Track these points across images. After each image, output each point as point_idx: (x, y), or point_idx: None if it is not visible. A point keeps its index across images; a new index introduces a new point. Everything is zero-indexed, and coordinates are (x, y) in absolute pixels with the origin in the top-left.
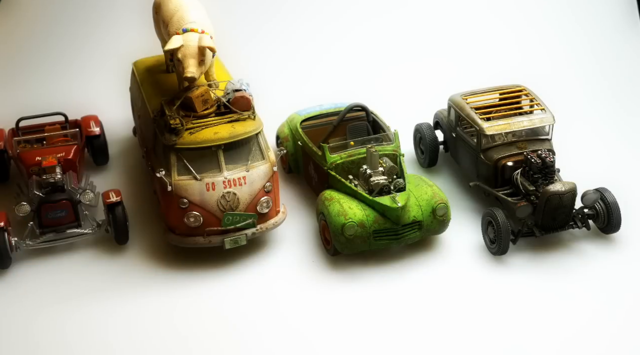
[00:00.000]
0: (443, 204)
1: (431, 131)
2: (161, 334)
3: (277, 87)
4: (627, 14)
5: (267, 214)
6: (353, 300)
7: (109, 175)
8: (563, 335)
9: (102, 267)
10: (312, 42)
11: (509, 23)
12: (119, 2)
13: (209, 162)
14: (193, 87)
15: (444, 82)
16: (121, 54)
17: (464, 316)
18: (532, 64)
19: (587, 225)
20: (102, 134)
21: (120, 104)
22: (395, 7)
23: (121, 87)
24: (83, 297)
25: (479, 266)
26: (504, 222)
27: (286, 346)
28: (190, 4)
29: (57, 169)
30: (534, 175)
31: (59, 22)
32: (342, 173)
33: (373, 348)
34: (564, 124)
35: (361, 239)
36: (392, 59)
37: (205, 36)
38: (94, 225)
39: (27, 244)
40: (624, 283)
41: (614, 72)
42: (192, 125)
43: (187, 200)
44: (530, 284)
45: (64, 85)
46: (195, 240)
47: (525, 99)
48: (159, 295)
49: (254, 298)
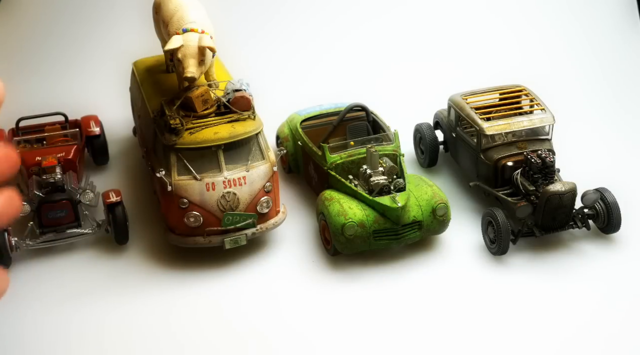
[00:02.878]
0: (443, 204)
1: (431, 131)
2: (161, 333)
3: (277, 87)
4: (627, 14)
5: (267, 214)
6: (353, 300)
7: (109, 175)
8: (563, 335)
9: (102, 267)
10: (312, 42)
11: (509, 23)
12: (119, 2)
13: (209, 162)
14: (193, 87)
15: (444, 82)
16: (121, 54)
17: (464, 316)
18: (532, 64)
19: (587, 225)
20: (102, 134)
21: (120, 104)
22: (395, 7)
23: (121, 87)
24: (83, 297)
25: (479, 266)
26: (504, 222)
27: (286, 346)
28: (190, 4)
29: (57, 169)
30: (534, 175)
31: (59, 22)
32: (342, 173)
33: (373, 348)
34: (564, 124)
35: (361, 239)
36: (392, 60)
37: (205, 36)
38: (94, 225)
39: (27, 244)
40: (624, 283)
41: (614, 72)
42: (192, 125)
43: (187, 200)
44: (530, 284)
45: (64, 85)
46: (195, 240)
47: (525, 99)
48: (159, 295)
49: (254, 298)
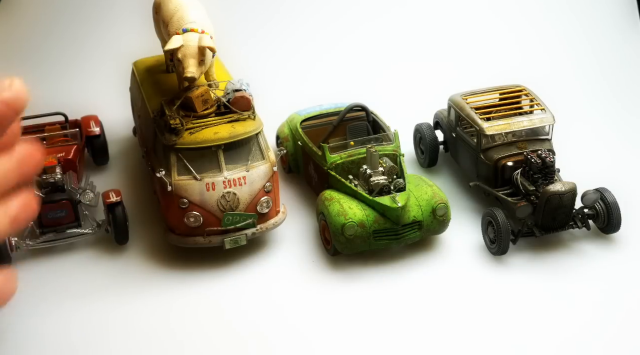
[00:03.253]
0: (443, 204)
1: (431, 131)
2: (161, 333)
3: (277, 87)
4: (627, 14)
5: (267, 214)
6: (353, 300)
7: (109, 175)
8: (563, 335)
9: (102, 267)
10: (312, 42)
11: (509, 23)
12: (119, 2)
13: (209, 162)
14: (193, 87)
15: (444, 82)
16: (121, 54)
17: (464, 316)
18: (532, 64)
19: (587, 225)
20: (102, 134)
21: (120, 104)
22: (395, 7)
23: (121, 87)
24: (83, 297)
25: (479, 266)
26: (504, 222)
27: (286, 346)
28: (190, 4)
29: (57, 169)
30: (534, 175)
31: (59, 22)
32: (342, 173)
33: (373, 348)
34: (564, 124)
35: (361, 239)
36: (392, 60)
37: (205, 36)
38: (94, 225)
39: (27, 244)
40: (624, 283)
41: (614, 72)
42: (192, 125)
43: (187, 200)
44: (530, 284)
45: (64, 85)
46: (195, 240)
47: (525, 99)
48: (159, 295)
49: (254, 298)
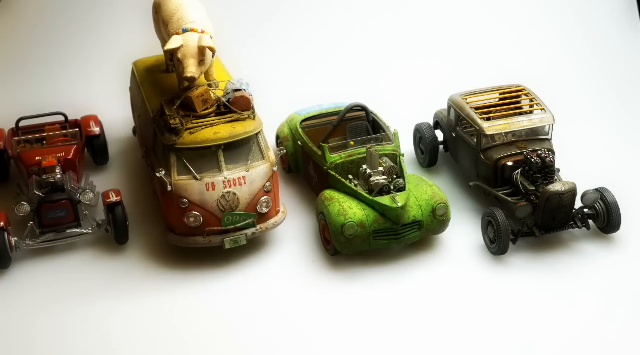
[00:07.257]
0: (443, 204)
1: (431, 131)
2: (161, 333)
3: (277, 87)
4: (627, 14)
5: (267, 214)
6: (353, 300)
7: (109, 175)
8: (563, 335)
9: (102, 267)
10: (312, 42)
11: (509, 23)
12: (119, 2)
13: (209, 162)
14: (193, 87)
15: (444, 82)
16: (121, 54)
17: (464, 316)
18: (532, 64)
19: (587, 225)
20: (102, 134)
21: (120, 104)
22: (395, 7)
23: (121, 87)
24: (83, 297)
25: (479, 266)
26: (504, 222)
27: (286, 346)
28: (190, 4)
29: (57, 169)
30: (534, 175)
31: (59, 22)
32: (342, 173)
33: (373, 348)
34: (564, 124)
35: (361, 239)
36: (392, 59)
37: (205, 36)
38: (94, 225)
39: (27, 244)
40: (624, 283)
41: (614, 72)
42: (192, 125)
43: (187, 200)
44: (530, 284)
45: (64, 85)
46: (195, 240)
47: (525, 99)
48: (159, 295)
49: (254, 298)
